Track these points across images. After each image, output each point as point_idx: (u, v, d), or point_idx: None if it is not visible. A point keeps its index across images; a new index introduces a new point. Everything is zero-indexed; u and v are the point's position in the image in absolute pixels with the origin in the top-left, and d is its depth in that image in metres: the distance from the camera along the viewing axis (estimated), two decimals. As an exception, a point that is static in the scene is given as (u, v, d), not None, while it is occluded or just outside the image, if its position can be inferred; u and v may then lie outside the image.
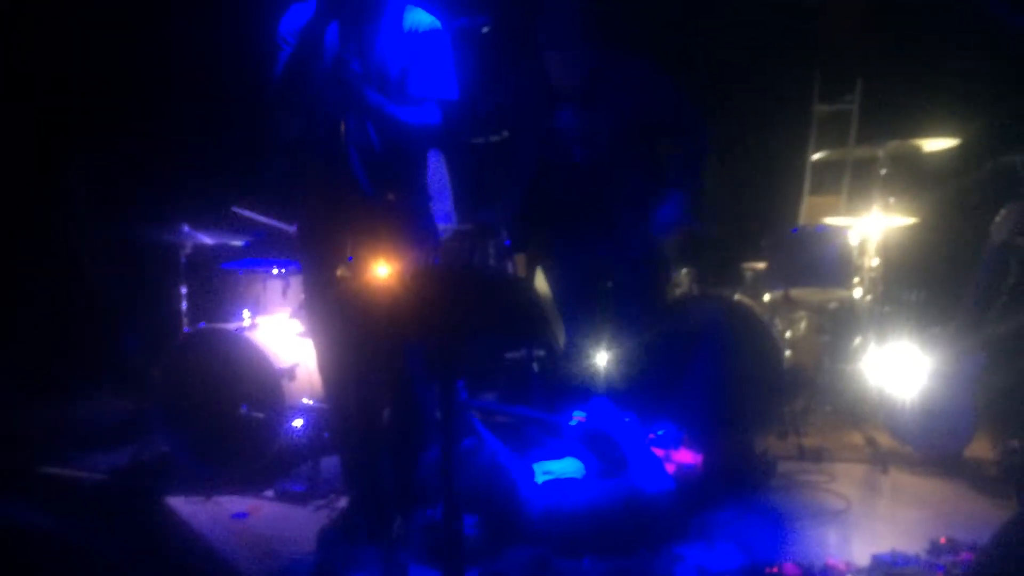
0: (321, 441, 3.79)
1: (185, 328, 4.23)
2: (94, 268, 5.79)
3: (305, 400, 3.89)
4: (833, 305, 4.65)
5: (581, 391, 3.88)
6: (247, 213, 4.35)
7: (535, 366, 4.19)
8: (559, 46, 3.84)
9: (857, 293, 4.29)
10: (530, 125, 3.99)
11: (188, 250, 4.28)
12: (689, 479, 3.23)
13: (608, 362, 4.07)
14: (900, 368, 4.04)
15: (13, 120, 5.33)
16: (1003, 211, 3.84)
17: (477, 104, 3.58)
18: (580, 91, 3.92)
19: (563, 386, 4.06)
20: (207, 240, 4.30)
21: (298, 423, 3.83)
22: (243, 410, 3.82)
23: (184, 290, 4.29)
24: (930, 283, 4.60)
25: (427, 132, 3.02)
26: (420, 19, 3.03)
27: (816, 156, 5.18)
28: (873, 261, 4.24)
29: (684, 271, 4.94)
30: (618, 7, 4.09)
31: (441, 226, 3.80)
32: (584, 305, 4.01)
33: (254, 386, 3.84)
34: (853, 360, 4.44)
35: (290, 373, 3.87)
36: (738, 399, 4.05)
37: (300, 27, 2.87)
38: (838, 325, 4.78)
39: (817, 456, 4.08)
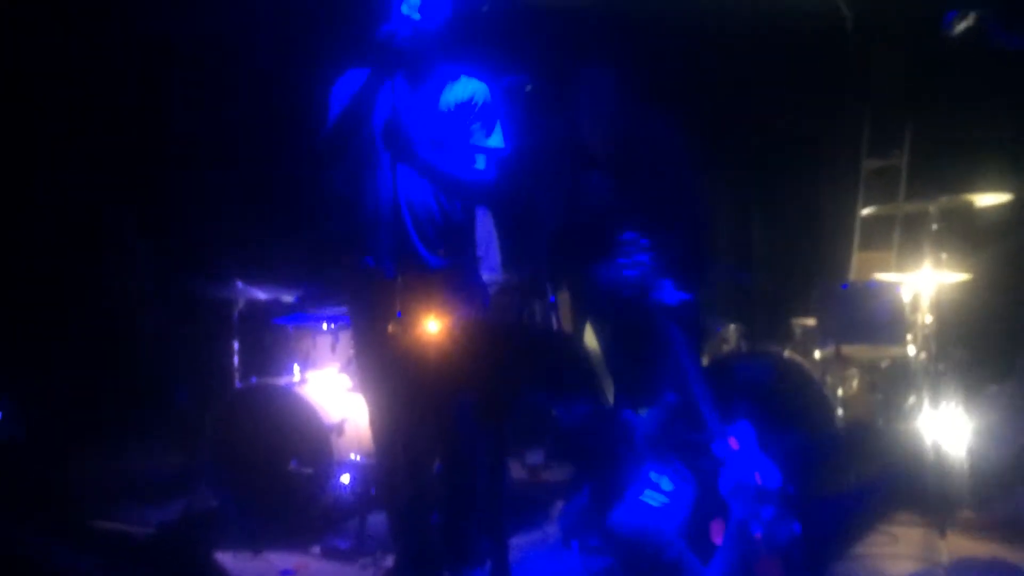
0: (368, 497, 3.79)
1: (237, 383, 4.28)
2: (148, 322, 5.91)
3: (353, 456, 3.90)
4: (885, 363, 4.57)
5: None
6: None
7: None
8: (594, 106, 3.86)
9: (911, 351, 4.22)
10: (559, 182, 3.99)
11: (241, 305, 4.35)
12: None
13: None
14: (956, 428, 3.94)
15: (70, 176, 5.50)
16: (1059, 268, 3.77)
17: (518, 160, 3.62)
18: (612, 152, 3.93)
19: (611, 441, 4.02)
20: (259, 295, 4.36)
21: (346, 479, 3.84)
22: (292, 465, 3.85)
23: (236, 345, 4.35)
24: (986, 341, 4.50)
25: (480, 188, 3.06)
26: (471, 83, 3.09)
27: (866, 211, 5.13)
28: (926, 318, 4.17)
29: (732, 327, 4.91)
30: (660, 66, 4.11)
31: (488, 280, 3.82)
32: (629, 361, 3.97)
33: (303, 441, 3.87)
34: (907, 420, 4.35)
35: (339, 428, 3.90)
36: (788, 461, 3.98)
37: (354, 90, 2.93)
38: (891, 383, 4.69)
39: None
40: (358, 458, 3.89)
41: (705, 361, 4.95)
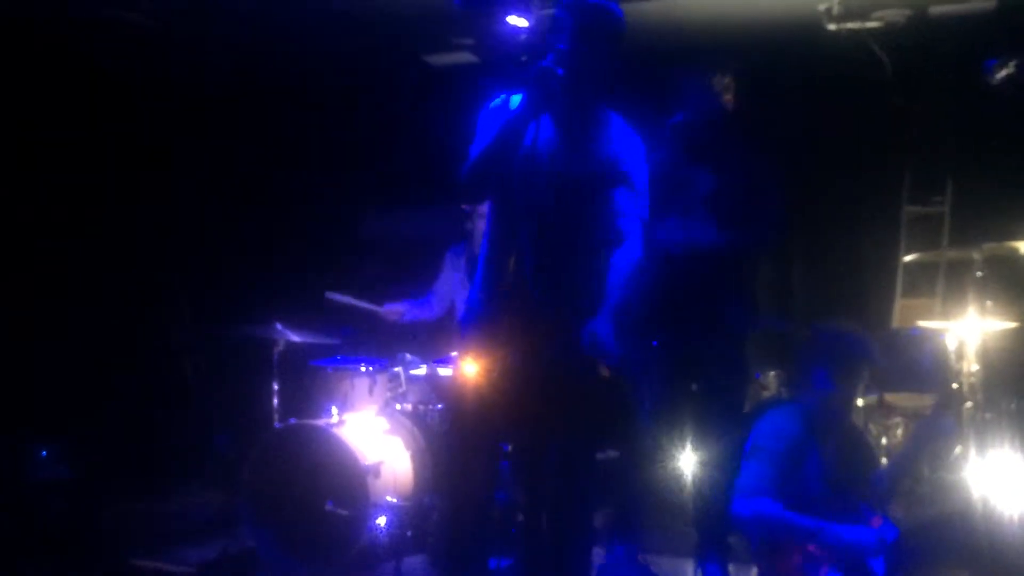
0: (404, 540, 3.78)
1: (276, 423, 4.31)
2: (190, 364, 5.99)
3: (389, 498, 3.90)
4: (930, 411, 4.49)
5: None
6: (339, 297, 4.46)
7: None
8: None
9: (956, 399, 4.14)
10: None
11: (280, 347, 4.39)
12: None
13: (694, 466, 3.99)
14: (1004, 479, 3.85)
15: (114, 223, 5.63)
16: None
17: None
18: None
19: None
20: (298, 338, 4.41)
21: (382, 521, 3.83)
22: (329, 506, 3.85)
23: (276, 386, 4.38)
24: (1033, 390, 4.41)
25: (637, 264, 2.84)
26: (625, 131, 2.93)
27: (908, 258, 5.08)
28: (972, 366, 4.10)
29: (772, 374, 4.86)
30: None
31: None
32: (669, 407, 3.95)
33: (340, 482, 3.88)
34: (954, 470, 4.25)
35: (375, 470, 3.90)
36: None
37: (503, 119, 2.78)
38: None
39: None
40: (394, 500, 3.89)
41: (746, 407, 4.92)
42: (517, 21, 4.51)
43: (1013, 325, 4.11)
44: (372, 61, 5.55)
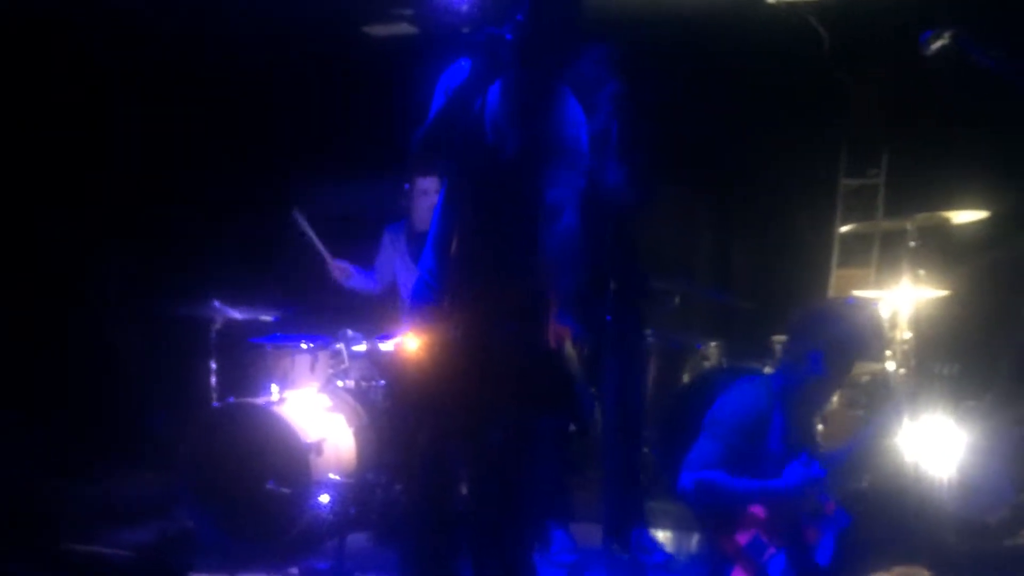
0: (348, 517, 3.75)
1: (214, 402, 4.24)
2: (124, 343, 5.85)
3: (332, 475, 3.86)
4: (865, 379, 4.59)
5: None
6: (302, 222, 4.50)
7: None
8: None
9: (890, 366, 4.23)
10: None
11: (218, 325, 4.31)
12: None
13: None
14: (936, 442, 3.95)
15: (47, 195, 5.46)
16: (1036, 283, 3.80)
17: None
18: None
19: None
20: (237, 315, 4.33)
21: (325, 499, 3.80)
22: (270, 485, 3.80)
23: (213, 365, 4.31)
24: (964, 356, 4.51)
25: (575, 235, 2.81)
26: (572, 105, 2.88)
27: (844, 229, 5.17)
28: (905, 334, 4.19)
29: (713, 344, 4.92)
30: (642, 85, 4.12)
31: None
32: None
33: (281, 461, 3.83)
34: (887, 435, 4.35)
35: (317, 448, 3.86)
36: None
37: (455, 85, 2.74)
38: (871, 399, 4.70)
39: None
40: (337, 478, 3.85)
41: (687, 378, 4.97)
42: None
43: (944, 293, 4.21)
44: (309, 32, 5.43)
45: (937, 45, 2.75)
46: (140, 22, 5.32)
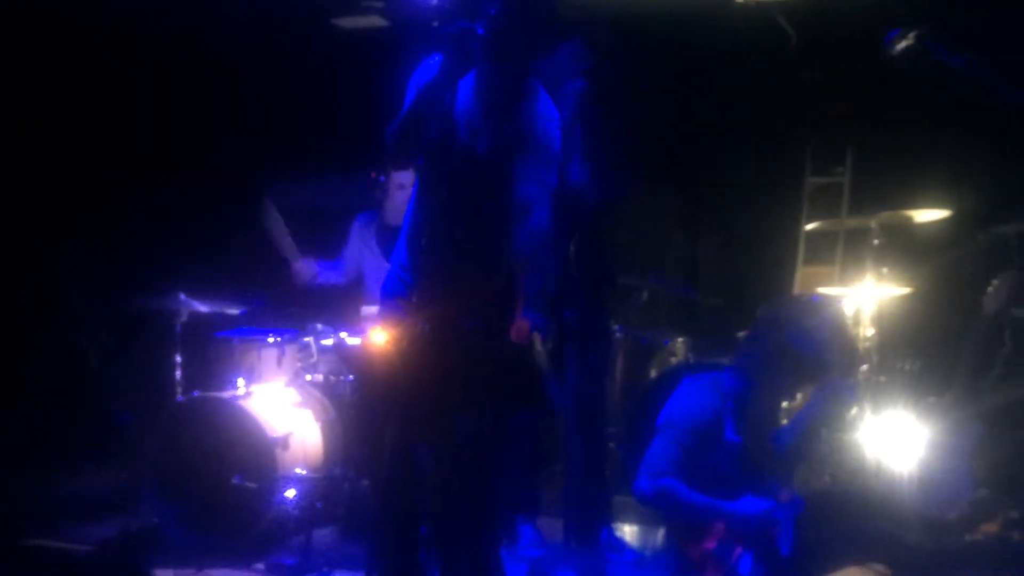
0: (314, 512, 3.73)
1: (179, 396, 4.20)
2: (88, 336, 5.78)
3: (299, 470, 3.85)
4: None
5: None
6: (275, 215, 4.48)
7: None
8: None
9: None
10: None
11: (184, 318, 4.27)
12: None
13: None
14: (897, 438, 4.01)
15: (11, 188, 5.38)
16: (995, 282, 3.87)
17: None
18: None
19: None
20: (202, 308, 4.29)
21: (291, 494, 3.78)
22: (235, 480, 3.78)
23: (179, 358, 4.27)
24: (925, 353, 4.60)
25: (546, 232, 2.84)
26: (544, 101, 2.90)
27: (810, 227, 5.22)
28: (867, 331, 4.25)
29: (679, 340, 4.95)
30: (609, 83, 4.13)
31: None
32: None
33: (247, 455, 3.81)
34: (849, 430, 4.41)
35: (284, 442, 3.84)
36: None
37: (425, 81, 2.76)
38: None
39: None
40: (304, 472, 3.84)
41: (654, 373, 5.00)
42: None
43: (907, 291, 4.27)
44: (278, 24, 5.39)
45: (902, 45, 2.78)
46: (105, 14, 5.25)
